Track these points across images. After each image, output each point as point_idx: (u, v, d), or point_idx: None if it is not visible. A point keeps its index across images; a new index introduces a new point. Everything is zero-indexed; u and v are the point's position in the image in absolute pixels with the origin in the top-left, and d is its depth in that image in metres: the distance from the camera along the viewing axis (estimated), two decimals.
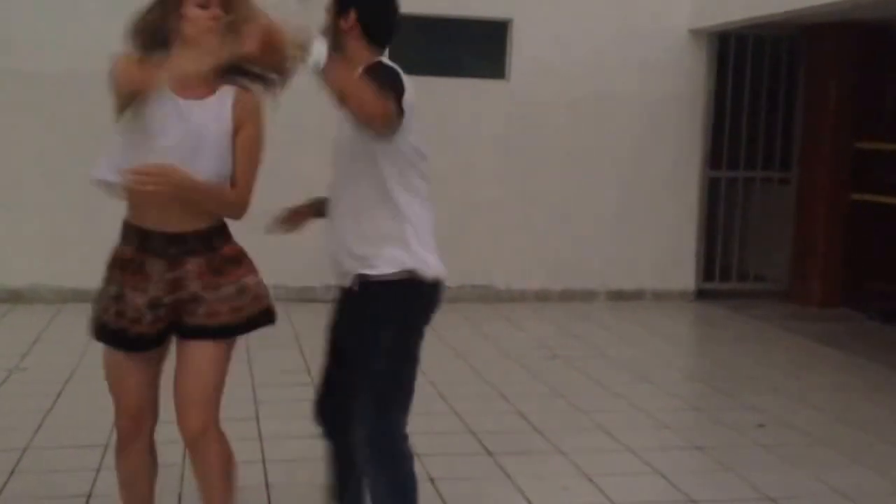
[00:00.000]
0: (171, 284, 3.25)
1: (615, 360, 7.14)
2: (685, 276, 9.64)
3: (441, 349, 7.26)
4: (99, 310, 3.37)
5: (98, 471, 4.67)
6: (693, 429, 5.77)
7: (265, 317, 3.37)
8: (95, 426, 5.23)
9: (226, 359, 3.35)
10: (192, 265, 3.24)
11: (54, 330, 7.60)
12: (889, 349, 7.75)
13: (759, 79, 9.75)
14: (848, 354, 7.59)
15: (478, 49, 9.28)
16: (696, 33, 9.36)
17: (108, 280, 3.38)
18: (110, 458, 4.78)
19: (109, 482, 4.54)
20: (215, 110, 3.22)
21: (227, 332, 3.30)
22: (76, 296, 8.42)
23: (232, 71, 3.22)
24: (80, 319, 7.71)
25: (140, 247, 3.30)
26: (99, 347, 7.00)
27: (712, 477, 4.87)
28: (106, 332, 3.38)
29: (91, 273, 8.83)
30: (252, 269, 3.36)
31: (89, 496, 4.39)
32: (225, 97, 3.24)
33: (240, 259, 3.34)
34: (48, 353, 6.96)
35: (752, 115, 9.79)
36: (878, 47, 9.23)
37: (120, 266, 3.36)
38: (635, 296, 9.49)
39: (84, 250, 8.40)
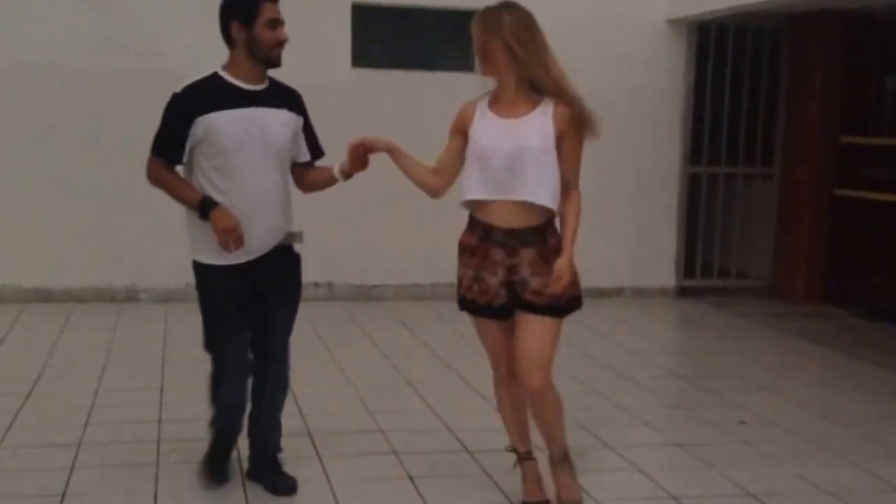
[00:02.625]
0: (509, 269, 4.09)
1: (595, 358, 7.10)
2: (666, 274, 9.60)
3: (417, 347, 7.23)
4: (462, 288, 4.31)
5: (72, 469, 4.63)
6: (674, 426, 5.73)
7: (576, 303, 4.24)
8: (67, 425, 5.23)
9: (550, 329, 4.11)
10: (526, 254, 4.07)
11: (19, 330, 7.53)
12: (873, 346, 7.72)
13: (740, 70, 9.62)
14: (831, 351, 7.56)
15: (447, 41, 9.10)
16: (674, 23, 9.26)
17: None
18: (84, 457, 4.80)
19: (84, 480, 4.52)
20: (539, 124, 3.97)
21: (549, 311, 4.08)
22: (38, 296, 8.35)
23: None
24: (44, 319, 7.78)
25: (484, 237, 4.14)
26: (67, 348, 6.96)
27: (693, 474, 4.83)
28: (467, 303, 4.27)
29: (53, 272, 8.85)
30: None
31: (63, 495, 4.35)
32: (545, 111, 3.97)
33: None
34: (15, 353, 6.90)
35: (734, 109, 9.70)
36: (863, 38, 9.10)
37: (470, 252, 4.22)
38: (615, 293, 9.44)
39: (46, 250, 8.35)
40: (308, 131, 4.34)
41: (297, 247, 4.39)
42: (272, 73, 4.17)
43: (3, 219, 8.28)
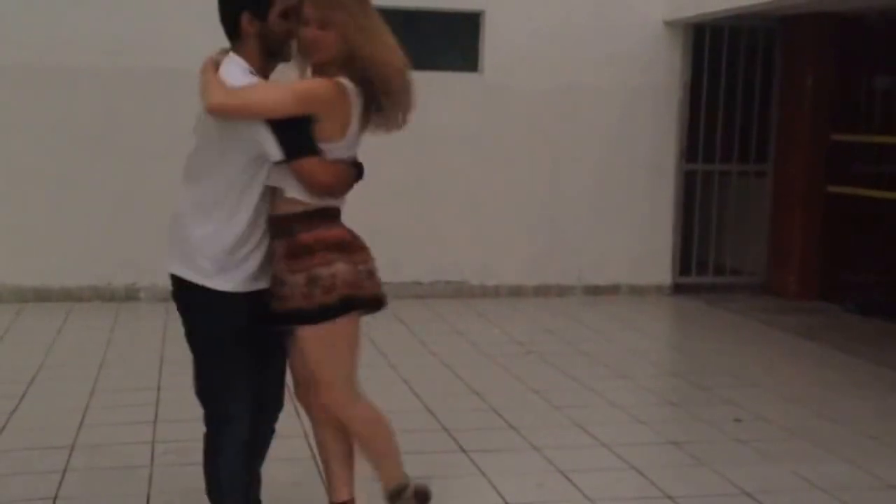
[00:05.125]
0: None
1: (590, 356, 7.10)
2: (661, 271, 9.60)
3: (414, 345, 7.22)
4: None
5: (64, 472, 4.62)
6: (669, 424, 5.73)
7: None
8: (61, 427, 5.21)
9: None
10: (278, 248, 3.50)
11: (16, 330, 7.51)
12: (866, 342, 7.74)
13: (735, 70, 9.69)
14: (825, 347, 7.57)
15: (450, 42, 9.19)
16: (671, 24, 9.31)
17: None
18: (76, 460, 4.78)
19: (75, 484, 4.50)
20: None
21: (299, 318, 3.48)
22: (37, 295, 8.33)
23: None
24: (43, 318, 7.74)
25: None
26: (64, 348, 6.92)
27: (688, 472, 4.84)
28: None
29: (53, 272, 8.83)
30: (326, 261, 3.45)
31: (55, 498, 4.34)
32: None
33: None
34: (11, 354, 6.90)
35: (729, 108, 9.75)
36: (853, 38, 9.20)
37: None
38: (611, 290, 9.44)
39: (46, 249, 8.34)
40: None
41: None
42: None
43: (4, 217, 8.27)
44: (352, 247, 3.55)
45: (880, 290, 9.03)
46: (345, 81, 3.40)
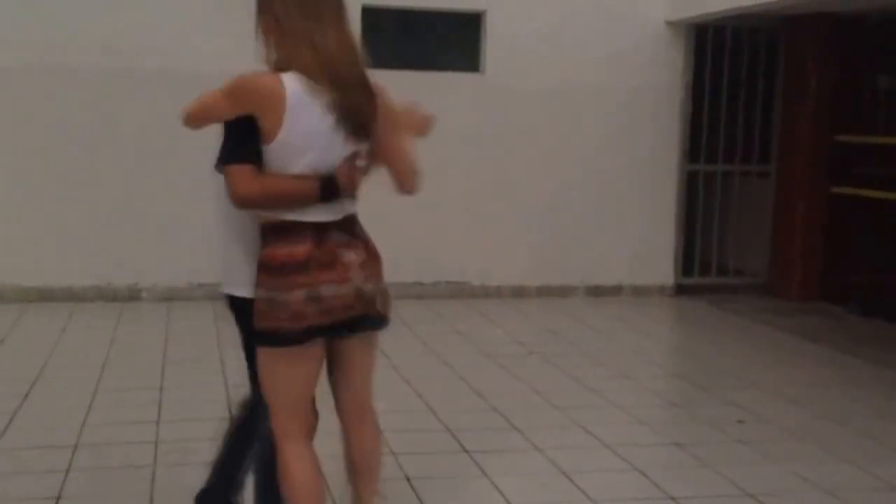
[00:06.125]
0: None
1: (593, 357, 7.10)
2: (664, 271, 9.61)
3: (416, 346, 7.22)
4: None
5: (67, 472, 4.61)
6: (672, 425, 5.73)
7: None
8: (64, 427, 5.21)
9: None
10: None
11: (20, 330, 7.50)
12: (868, 343, 7.73)
13: (737, 71, 9.70)
14: (827, 349, 7.57)
15: (451, 42, 9.20)
16: (673, 24, 9.31)
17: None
18: (79, 459, 4.78)
19: (78, 483, 4.50)
20: None
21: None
22: (41, 295, 8.34)
23: None
24: (45, 319, 7.75)
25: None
26: (67, 348, 6.93)
27: (691, 473, 4.83)
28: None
29: (55, 272, 8.83)
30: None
31: (58, 497, 4.33)
32: None
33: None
34: (14, 354, 6.88)
35: (731, 108, 9.75)
36: (856, 38, 9.19)
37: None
38: (613, 291, 9.44)
39: (48, 250, 8.35)
40: None
41: None
42: None
43: (6, 218, 8.25)
44: (307, 268, 3.12)
45: (883, 291, 9.03)
46: (287, 76, 3.05)
